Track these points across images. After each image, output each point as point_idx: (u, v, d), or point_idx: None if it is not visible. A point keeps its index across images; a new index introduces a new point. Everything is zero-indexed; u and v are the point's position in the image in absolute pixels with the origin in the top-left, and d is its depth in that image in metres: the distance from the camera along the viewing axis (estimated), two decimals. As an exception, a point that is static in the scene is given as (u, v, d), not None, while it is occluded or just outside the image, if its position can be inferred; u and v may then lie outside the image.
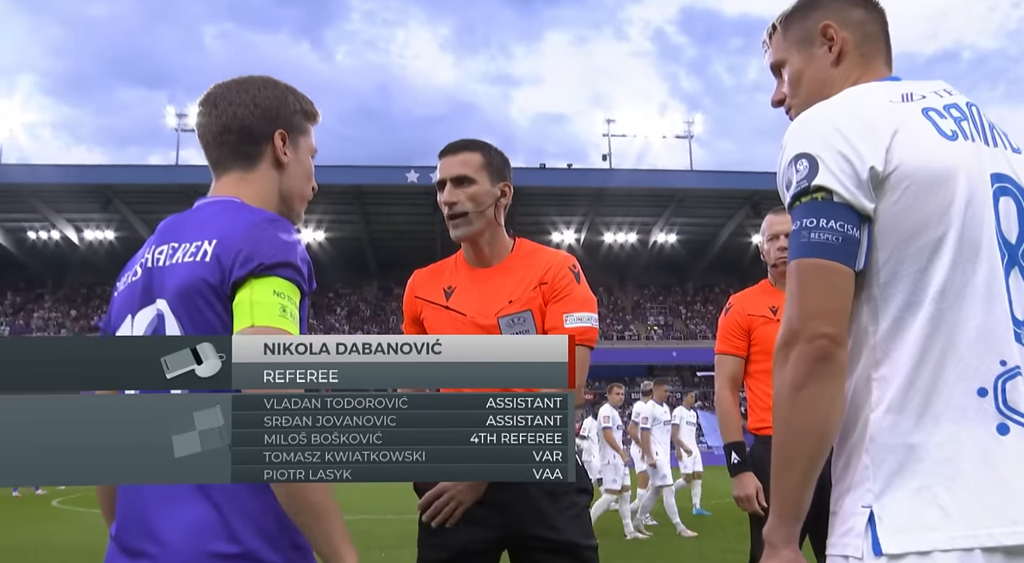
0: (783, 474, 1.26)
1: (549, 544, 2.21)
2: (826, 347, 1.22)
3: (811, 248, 1.24)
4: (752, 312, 3.38)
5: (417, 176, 41.53)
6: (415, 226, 45.58)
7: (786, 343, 1.25)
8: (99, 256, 49.01)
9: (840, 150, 1.26)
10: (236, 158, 1.61)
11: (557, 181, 45.77)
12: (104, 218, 45.42)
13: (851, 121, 1.29)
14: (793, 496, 1.26)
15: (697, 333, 51.47)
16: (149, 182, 42.87)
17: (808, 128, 1.32)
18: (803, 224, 1.26)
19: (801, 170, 1.28)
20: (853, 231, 1.24)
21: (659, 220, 48.10)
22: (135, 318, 1.52)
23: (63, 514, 15.20)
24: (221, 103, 1.61)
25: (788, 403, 1.24)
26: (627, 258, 52.10)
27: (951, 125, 1.33)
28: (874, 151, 1.26)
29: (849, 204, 1.24)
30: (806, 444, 1.24)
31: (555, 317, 2.31)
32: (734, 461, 3.24)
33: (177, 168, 44.36)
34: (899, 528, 1.20)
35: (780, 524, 1.28)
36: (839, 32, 1.48)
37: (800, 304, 1.24)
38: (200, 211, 1.57)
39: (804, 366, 1.22)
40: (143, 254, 1.58)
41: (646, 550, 8.63)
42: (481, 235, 2.39)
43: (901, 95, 1.35)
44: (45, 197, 42.74)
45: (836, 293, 1.24)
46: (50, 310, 50.17)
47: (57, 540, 10.35)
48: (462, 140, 2.45)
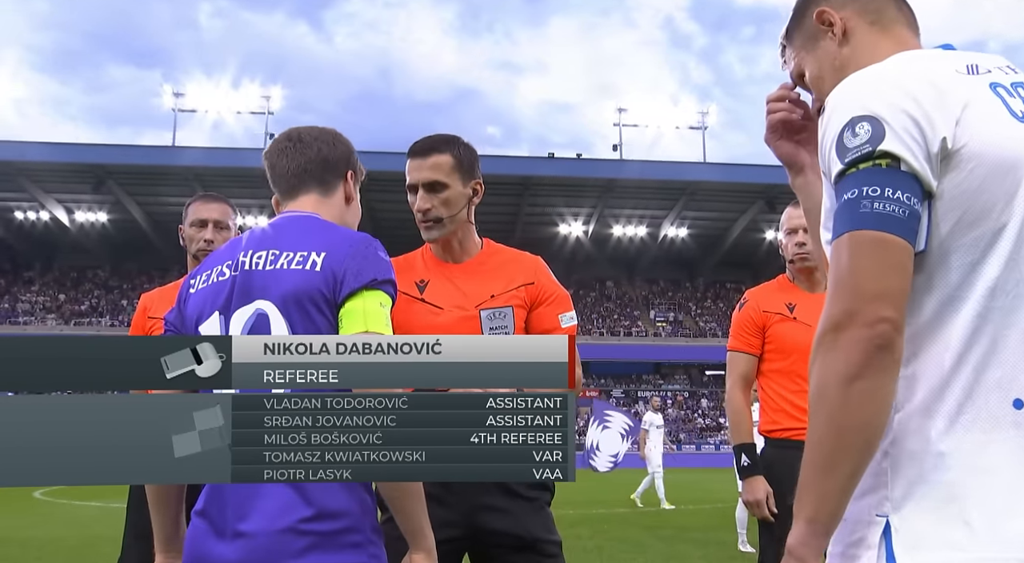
0: (824, 477, 1.12)
1: (511, 540, 2.26)
2: (887, 333, 1.09)
3: (874, 219, 1.11)
4: (768, 309, 3.23)
5: (422, 162, 40.45)
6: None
7: (837, 325, 1.11)
8: (91, 239, 47.87)
9: (910, 112, 1.14)
10: (316, 183, 1.83)
11: (566, 171, 44.70)
12: (96, 199, 44.17)
13: (920, 84, 1.17)
14: (832, 503, 1.12)
15: (707, 331, 50.54)
16: (145, 163, 41.58)
17: (868, 88, 1.18)
18: (863, 192, 1.13)
19: (862, 133, 1.14)
20: (918, 206, 1.13)
21: (670, 213, 47.17)
22: (230, 316, 1.64)
23: (45, 506, 15.50)
24: (306, 138, 1.85)
25: (838, 396, 1.10)
26: (636, 252, 51.22)
27: (1020, 105, 1.21)
28: (945, 121, 1.14)
29: (917, 175, 1.13)
30: (855, 444, 1.11)
31: (551, 318, 2.42)
32: (744, 464, 3.15)
33: (174, 149, 43.13)
34: (919, 543, 1.11)
35: (811, 535, 1.13)
36: (835, 14, 1.41)
37: (858, 281, 1.11)
38: (294, 223, 1.74)
39: (861, 354, 1.09)
40: (231, 256, 1.72)
41: (648, 553, 8.48)
42: (454, 235, 2.45)
43: (966, 66, 1.23)
44: (34, 176, 41.44)
45: (899, 271, 1.12)
46: (38, 294, 48.87)
47: (37, 533, 10.35)
48: (430, 140, 2.45)
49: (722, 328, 47.29)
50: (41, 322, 46.13)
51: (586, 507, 13.51)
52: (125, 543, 3.07)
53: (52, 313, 47.14)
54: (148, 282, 42.14)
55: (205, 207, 3.15)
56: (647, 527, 10.91)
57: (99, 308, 47.76)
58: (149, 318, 3.05)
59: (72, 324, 46.04)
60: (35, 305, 47.92)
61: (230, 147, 42.86)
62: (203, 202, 3.20)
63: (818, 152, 1.25)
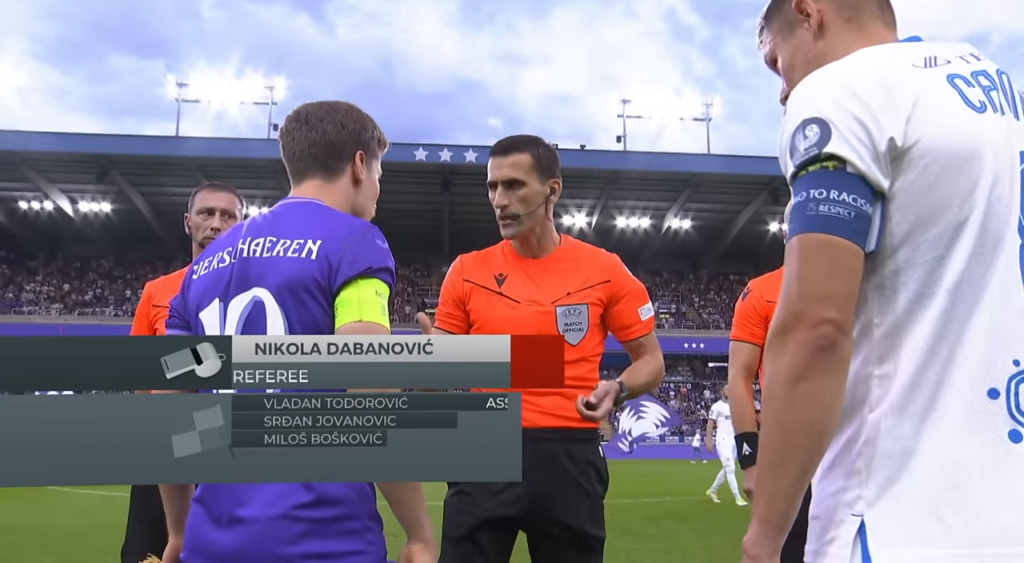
0: (772, 477, 1.13)
1: (567, 531, 2.35)
2: (831, 334, 1.10)
3: (819, 222, 1.13)
4: (771, 298, 3.20)
5: (426, 154, 40.49)
6: (423, 204, 44.52)
7: (784, 328, 1.13)
8: (94, 229, 47.90)
9: (856, 115, 1.14)
10: (320, 168, 1.79)
11: (569, 163, 44.24)
12: (100, 189, 44.19)
13: (868, 83, 1.16)
14: (781, 502, 1.13)
15: (710, 322, 50.51)
16: (148, 153, 41.55)
17: (818, 90, 1.19)
18: (810, 195, 1.14)
19: (810, 136, 1.16)
20: (866, 207, 1.13)
21: (674, 205, 47.05)
22: (228, 303, 1.64)
23: (49, 494, 15.49)
24: (312, 119, 1.80)
25: (784, 397, 1.12)
26: (639, 243, 51.11)
27: (979, 95, 1.21)
28: (893, 120, 1.14)
29: (864, 176, 1.13)
30: (802, 444, 1.12)
31: (631, 313, 2.54)
32: (746, 453, 3.19)
33: (178, 139, 43.08)
34: (893, 542, 1.11)
35: (764, 534, 1.15)
36: (812, 5, 1.41)
37: (803, 284, 1.12)
38: (292, 210, 1.72)
39: (805, 355, 1.11)
40: (232, 243, 1.71)
41: (651, 544, 8.46)
42: (532, 231, 2.50)
43: (924, 59, 1.22)
44: (38, 166, 41.43)
45: (844, 274, 1.12)
46: (41, 284, 48.95)
47: (42, 521, 10.34)
48: (512, 140, 2.52)
49: (725, 320, 47.27)
50: (45, 312, 46.22)
51: (588, 498, 13.46)
52: (129, 529, 3.09)
53: (56, 303, 47.23)
54: (152, 272, 42.19)
55: (212, 196, 3.16)
56: (649, 518, 10.93)
57: (103, 298, 47.85)
58: (154, 306, 3.06)
59: (76, 314, 46.13)
60: (39, 295, 48.01)
61: (234, 137, 42.81)
62: (210, 191, 3.20)
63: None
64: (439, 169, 41.84)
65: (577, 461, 2.38)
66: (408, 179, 41.55)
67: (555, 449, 2.35)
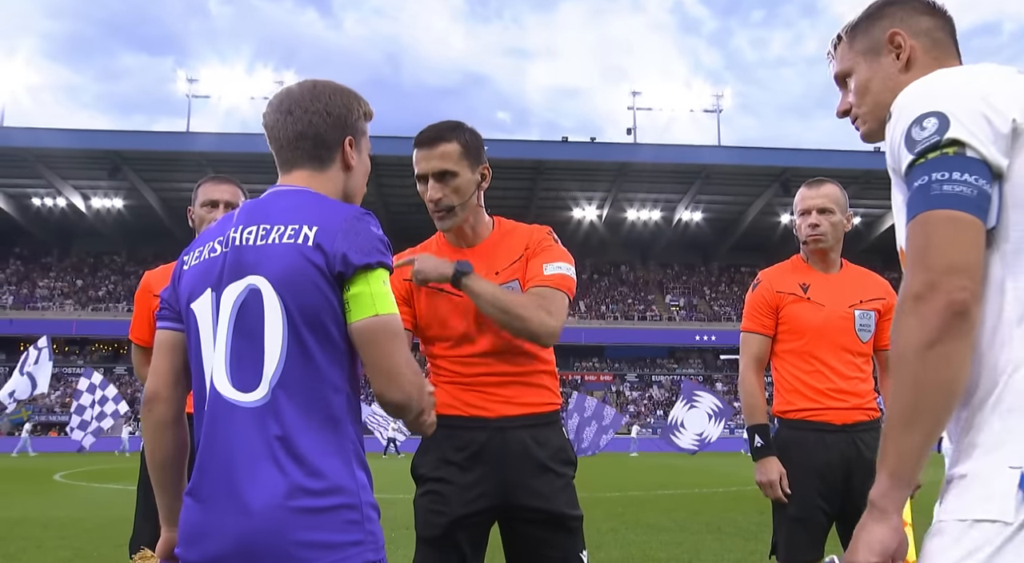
0: (905, 433, 1.22)
1: (540, 515, 2.32)
2: (964, 301, 1.19)
3: (944, 199, 1.21)
4: (781, 289, 3.20)
5: (435, 147, 40.32)
6: (432, 199, 44.39)
7: (916, 296, 1.21)
8: (107, 225, 48.17)
9: (975, 104, 1.24)
10: (309, 160, 1.74)
11: (580, 155, 44.47)
12: (112, 186, 44.42)
13: (981, 79, 1.29)
14: (912, 458, 1.22)
15: (721, 315, 50.40)
16: (160, 149, 41.70)
17: (931, 89, 1.30)
18: (932, 177, 1.23)
19: (928, 127, 1.25)
20: (986, 187, 1.22)
21: (684, 197, 46.92)
22: (221, 293, 1.62)
23: (65, 488, 15.64)
24: (296, 110, 1.73)
25: (918, 360, 1.20)
26: (650, 236, 51.07)
27: None
28: (1011, 104, 1.24)
29: (984, 159, 1.22)
30: (935, 403, 1.21)
31: (535, 268, 2.40)
32: (757, 445, 3.15)
33: (189, 135, 43.22)
34: None
35: (893, 487, 1.23)
36: (907, 40, 1.50)
37: (933, 256, 1.21)
38: (283, 197, 1.69)
39: (939, 321, 1.19)
40: (223, 232, 1.68)
41: (664, 536, 8.39)
42: (466, 222, 2.45)
43: (1017, 70, 1.34)
44: (50, 162, 41.68)
45: (971, 246, 1.21)
46: (55, 280, 49.27)
47: (56, 514, 10.38)
48: (435, 128, 2.43)
49: (736, 312, 47.10)
50: (59, 308, 46.53)
51: (601, 490, 13.52)
52: (136, 523, 3.11)
53: (70, 299, 47.53)
54: (164, 267, 42.31)
55: (216, 188, 3.15)
56: (662, 510, 10.90)
57: (116, 293, 48.11)
58: (154, 297, 3.01)
59: (90, 309, 46.42)
60: (53, 291, 48.32)
61: (244, 132, 42.85)
62: (214, 183, 3.18)
63: (887, 152, 1.34)
64: (449, 163, 41.72)
65: (544, 446, 2.35)
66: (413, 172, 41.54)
67: (522, 436, 2.33)
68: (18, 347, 46.89)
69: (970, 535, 1.19)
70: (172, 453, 1.73)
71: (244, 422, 1.54)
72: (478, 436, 2.32)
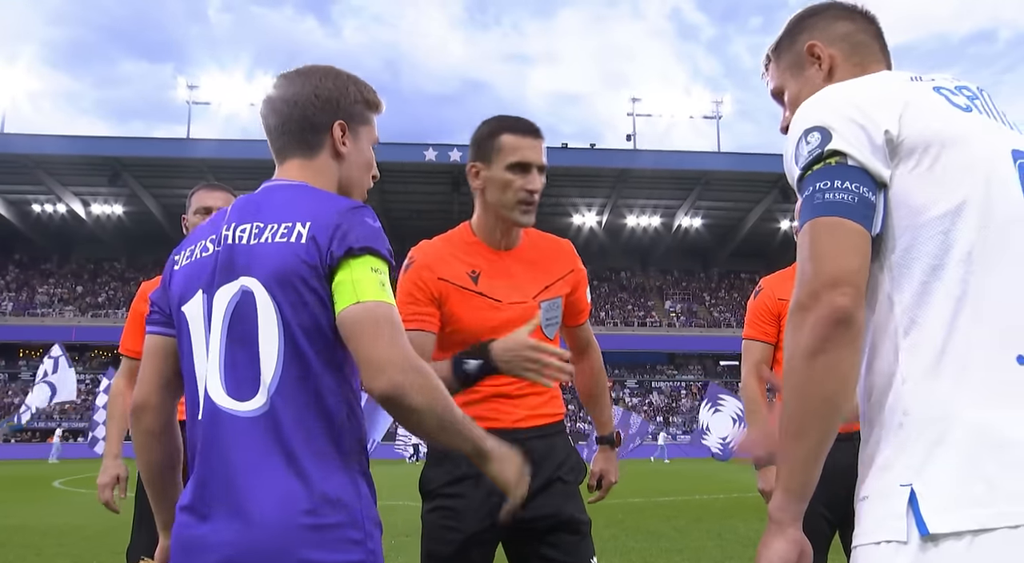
0: (794, 445, 1.22)
1: (550, 522, 2.31)
2: (847, 308, 1.18)
3: (826, 207, 1.24)
4: (783, 296, 3.16)
5: (435, 154, 40.54)
6: (433, 204, 44.60)
7: (802, 305, 1.21)
8: (107, 231, 48.20)
9: (853, 118, 1.27)
10: (298, 146, 1.65)
11: (579, 161, 44.56)
12: (112, 192, 44.45)
13: (862, 93, 1.32)
14: (804, 469, 1.22)
15: (721, 321, 50.37)
16: (160, 155, 41.75)
17: (817, 105, 1.33)
18: (816, 187, 1.25)
19: (812, 141, 1.28)
20: (868, 194, 1.24)
21: (684, 203, 46.98)
22: (212, 294, 1.54)
23: (64, 495, 15.71)
24: (286, 95, 1.65)
25: (803, 370, 1.20)
26: (650, 242, 51.12)
27: (963, 101, 1.35)
28: (888, 117, 1.27)
29: (864, 167, 1.24)
30: (821, 414, 1.20)
31: (583, 299, 2.53)
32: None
33: (189, 141, 43.32)
34: (945, 505, 1.14)
35: (788, 500, 1.24)
36: (825, 49, 1.53)
37: (817, 263, 1.22)
38: (277, 192, 1.61)
39: (822, 329, 1.18)
40: (215, 230, 1.60)
41: (663, 543, 8.37)
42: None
43: (910, 77, 1.39)
44: (50, 169, 41.73)
45: (854, 252, 1.22)
46: (55, 286, 49.25)
47: (55, 521, 10.37)
48: (532, 121, 2.38)
49: (736, 318, 47.13)
50: (59, 314, 46.51)
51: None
52: (133, 530, 3.11)
53: (70, 305, 47.51)
54: (164, 274, 42.38)
55: (209, 195, 3.16)
56: (662, 517, 10.87)
57: (115, 300, 48.10)
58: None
59: (89, 316, 46.39)
60: (53, 297, 48.30)
61: (244, 139, 42.95)
62: (207, 190, 3.20)
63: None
64: (449, 169, 41.86)
65: (554, 455, 2.35)
66: (418, 179, 41.69)
67: (539, 446, 2.30)
68: (17, 353, 46.89)
69: (873, 558, 1.19)
70: (164, 461, 1.67)
71: (243, 433, 1.46)
72: None
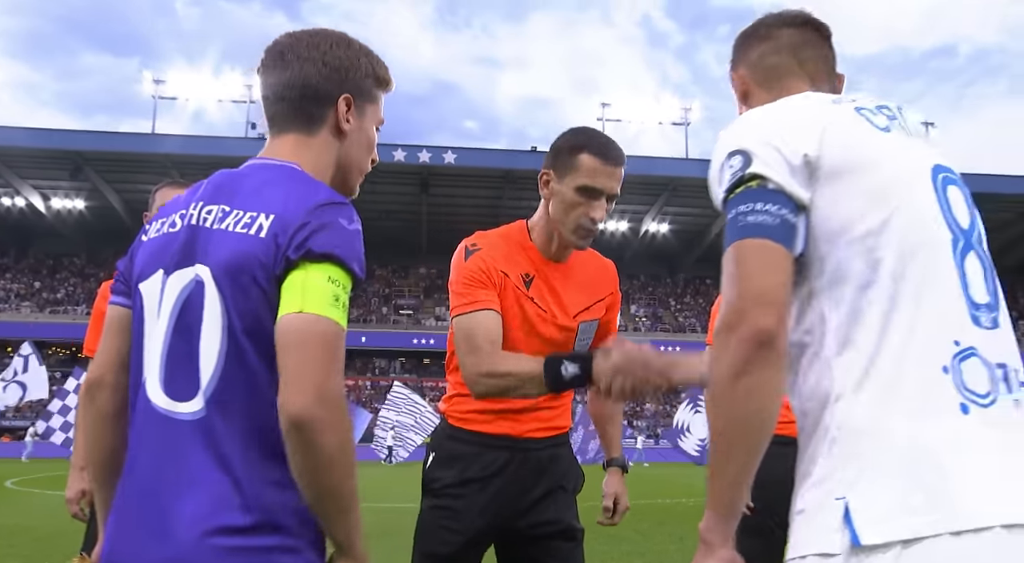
0: (722, 465, 1.24)
1: (546, 527, 2.32)
2: (768, 330, 1.19)
3: (748, 229, 1.26)
4: None
5: (404, 155, 40.38)
6: (400, 205, 44.38)
7: (727, 326, 1.22)
8: (67, 226, 47.34)
9: (771, 142, 1.30)
10: (296, 118, 1.51)
11: (549, 165, 44.48)
12: (73, 186, 43.71)
13: (782, 116, 1.35)
14: (730, 491, 1.24)
15: (686, 326, 50.77)
16: (124, 150, 41.11)
17: (739, 128, 1.37)
18: (739, 210, 1.28)
19: (734, 164, 1.31)
20: (789, 216, 1.26)
21: (651, 209, 47.29)
22: (168, 277, 1.42)
23: (16, 496, 15.41)
24: (288, 55, 1.51)
25: (727, 391, 1.21)
26: (617, 247, 51.32)
27: (884, 121, 1.38)
28: (806, 140, 1.30)
29: (784, 190, 1.27)
30: (745, 434, 1.22)
31: (613, 321, 2.47)
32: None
33: (154, 137, 42.67)
34: (878, 517, 1.16)
35: (717, 521, 1.26)
36: (742, 77, 1.62)
37: (739, 285, 1.23)
38: (255, 174, 1.46)
39: (745, 351, 1.19)
40: (185, 206, 1.47)
41: (625, 546, 8.43)
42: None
43: (832, 99, 1.42)
44: (9, 161, 40.91)
45: (776, 272, 1.23)
46: (12, 281, 48.25)
47: (6, 522, 10.30)
48: (619, 146, 2.27)
49: (701, 324, 47.53)
50: (15, 310, 45.57)
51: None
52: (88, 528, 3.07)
53: (27, 301, 46.57)
54: (125, 270, 41.72)
55: (173, 192, 3.12)
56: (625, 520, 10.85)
57: (75, 296, 47.24)
58: None
59: (47, 312, 45.52)
60: (9, 292, 47.31)
61: (212, 135, 42.47)
62: (170, 188, 3.18)
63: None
64: (418, 170, 41.73)
65: (558, 466, 2.39)
66: (387, 180, 41.41)
67: (540, 457, 2.36)
68: (-28, 349, 45.92)
69: None
70: (115, 448, 1.49)
71: (174, 438, 1.33)
72: (502, 455, 2.32)
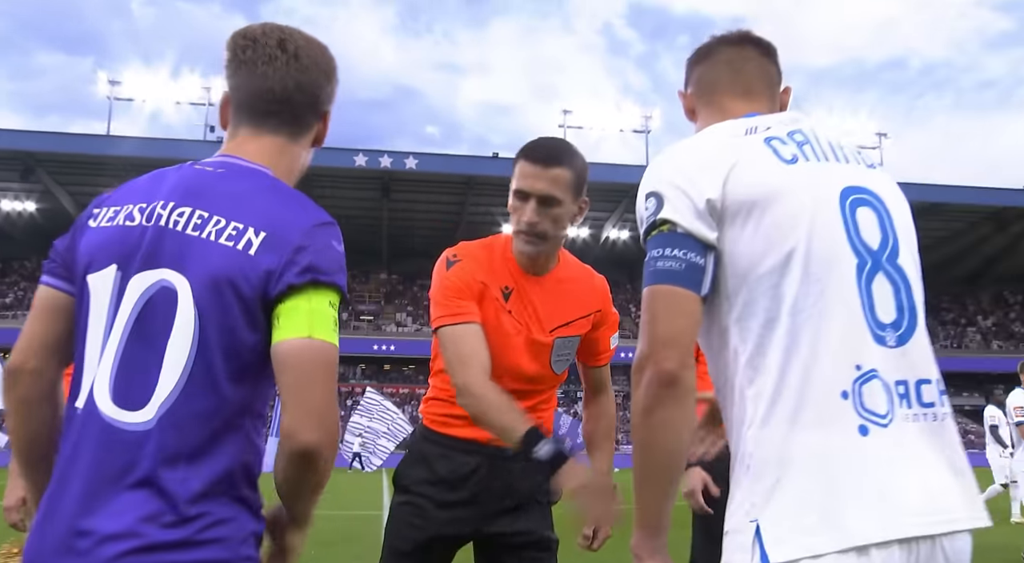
0: (643, 490, 1.37)
1: (520, 537, 2.32)
2: (673, 372, 1.30)
3: (657, 275, 1.35)
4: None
5: (366, 160, 40.11)
6: (362, 210, 44.09)
7: (638, 367, 1.33)
8: (17, 229, 46.21)
9: (679, 186, 1.38)
10: (292, 122, 1.48)
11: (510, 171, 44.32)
12: (24, 188, 42.66)
13: (692, 158, 1.43)
14: (653, 510, 1.38)
15: (646, 332, 51.04)
16: (78, 151, 40.25)
17: (656, 169, 1.45)
18: (651, 254, 1.37)
19: (650, 207, 1.40)
20: (697, 258, 1.35)
21: (612, 215, 47.56)
22: (128, 277, 1.33)
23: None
24: (303, 57, 1.46)
25: (642, 425, 1.33)
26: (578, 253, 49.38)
27: (792, 150, 1.44)
28: (711, 184, 1.37)
29: (691, 234, 1.35)
30: (659, 464, 1.34)
31: (605, 340, 2.41)
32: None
33: (109, 138, 41.83)
34: (783, 538, 1.25)
35: (644, 537, 1.39)
36: (686, 96, 1.71)
37: (649, 329, 1.34)
38: (233, 176, 1.39)
39: (653, 390, 1.31)
40: (146, 199, 1.39)
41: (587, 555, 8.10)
42: (548, 251, 2.29)
43: (745, 129, 1.46)
44: (-42, 162, 39.75)
45: (681, 316, 1.33)
46: (-39, 285, 46.94)
47: None
48: (554, 148, 2.24)
49: (661, 330, 47.78)
50: (-36, 314, 44.37)
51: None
52: None
53: (-24, 305, 45.39)
54: (79, 275, 40.82)
55: None
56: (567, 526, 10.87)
57: (24, 301, 46.12)
58: None
59: (-3, 317, 44.39)
60: (-43, 296, 46.07)
61: (169, 137, 41.80)
62: None
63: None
64: (379, 175, 41.47)
65: (532, 475, 2.33)
66: (348, 185, 41.14)
67: (512, 467, 2.30)
68: (-83, 355, 44.55)
69: None
70: (41, 432, 1.40)
71: (115, 447, 1.26)
72: (471, 459, 2.30)
